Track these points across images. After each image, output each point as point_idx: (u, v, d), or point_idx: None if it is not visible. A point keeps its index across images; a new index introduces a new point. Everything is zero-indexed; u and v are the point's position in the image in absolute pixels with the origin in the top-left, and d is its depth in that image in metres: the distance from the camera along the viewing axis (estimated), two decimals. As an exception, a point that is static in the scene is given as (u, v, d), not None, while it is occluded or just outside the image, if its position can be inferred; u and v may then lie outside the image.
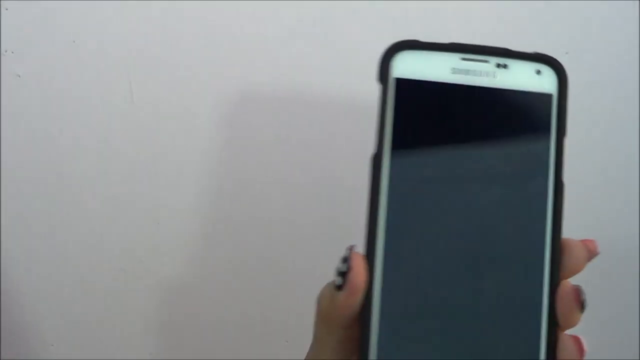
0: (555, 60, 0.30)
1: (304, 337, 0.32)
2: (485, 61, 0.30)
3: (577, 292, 0.30)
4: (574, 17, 0.52)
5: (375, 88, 0.29)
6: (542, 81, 0.30)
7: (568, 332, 0.30)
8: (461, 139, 0.29)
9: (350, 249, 0.29)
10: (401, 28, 0.51)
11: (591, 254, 0.31)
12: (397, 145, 0.28)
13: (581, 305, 0.30)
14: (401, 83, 0.29)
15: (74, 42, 0.51)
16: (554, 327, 0.29)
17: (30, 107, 0.52)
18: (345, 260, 0.29)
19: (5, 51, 0.51)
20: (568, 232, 0.57)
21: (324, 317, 0.30)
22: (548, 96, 0.29)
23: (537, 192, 0.29)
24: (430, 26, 0.51)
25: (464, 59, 0.30)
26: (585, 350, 0.29)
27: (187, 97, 0.52)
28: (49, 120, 0.52)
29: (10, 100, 0.52)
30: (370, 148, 0.28)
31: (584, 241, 0.31)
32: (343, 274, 0.29)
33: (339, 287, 0.29)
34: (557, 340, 0.30)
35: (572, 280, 0.31)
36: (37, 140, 0.52)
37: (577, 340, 0.29)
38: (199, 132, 0.52)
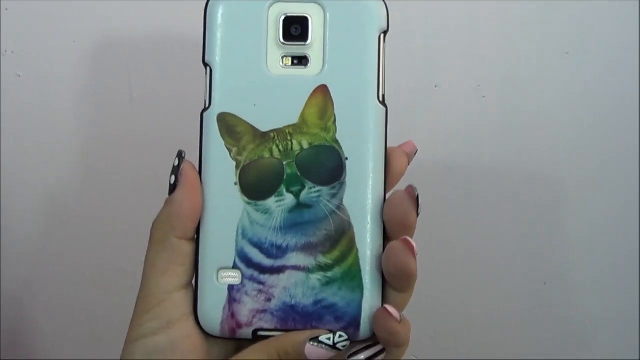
0: None
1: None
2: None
3: (410, 190, 0.30)
4: (574, 17, 0.52)
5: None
6: None
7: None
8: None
9: (180, 153, 0.32)
10: (401, 28, 0.51)
11: (410, 155, 0.32)
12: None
13: (416, 201, 0.30)
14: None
15: (74, 42, 0.51)
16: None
17: (30, 107, 0.52)
18: (177, 161, 0.31)
19: (5, 51, 0.51)
20: (568, 229, 0.57)
21: (163, 218, 0.31)
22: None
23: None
24: (431, 26, 0.51)
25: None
26: (415, 248, 0.29)
27: (187, 97, 0.52)
28: (49, 120, 0.52)
29: (10, 100, 0.52)
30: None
31: (400, 146, 0.32)
32: (175, 173, 0.31)
33: (174, 187, 0.31)
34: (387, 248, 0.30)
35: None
36: (37, 140, 0.52)
37: (405, 241, 0.29)
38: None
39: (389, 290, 0.31)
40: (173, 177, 0.31)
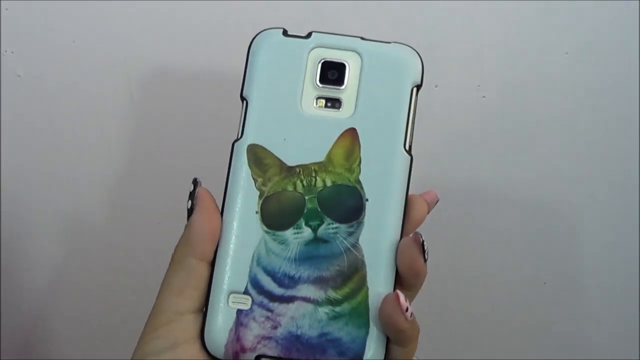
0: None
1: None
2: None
3: (416, 237, 0.31)
4: (574, 17, 0.52)
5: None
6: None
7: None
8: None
9: (194, 180, 0.32)
10: (402, 28, 0.51)
11: (430, 204, 0.33)
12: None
13: (422, 248, 0.30)
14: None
15: (74, 42, 0.51)
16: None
17: (30, 107, 0.52)
18: (193, 186, 0.32)
19: (5, 51, 0.51)
20: (568, 229, 0.57)
21: (184, 241, 0.31)
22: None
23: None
24: (431, 26, 0.51)
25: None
26: (403, 304, 0.29)
27: (188, 97, 0.52)
28: (49, 120, 0.52)
29: (10, 100, 0.52)
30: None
31: (422, 194, 0.33)
32: (192, 198, 0.31)
33: (191, 210, 0.31)
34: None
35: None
36: (37, 140, 0.52)
37: (396, 295, 0.29)
38: (200, 132, 0.52)
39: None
40: (190, 202, 0.32)
